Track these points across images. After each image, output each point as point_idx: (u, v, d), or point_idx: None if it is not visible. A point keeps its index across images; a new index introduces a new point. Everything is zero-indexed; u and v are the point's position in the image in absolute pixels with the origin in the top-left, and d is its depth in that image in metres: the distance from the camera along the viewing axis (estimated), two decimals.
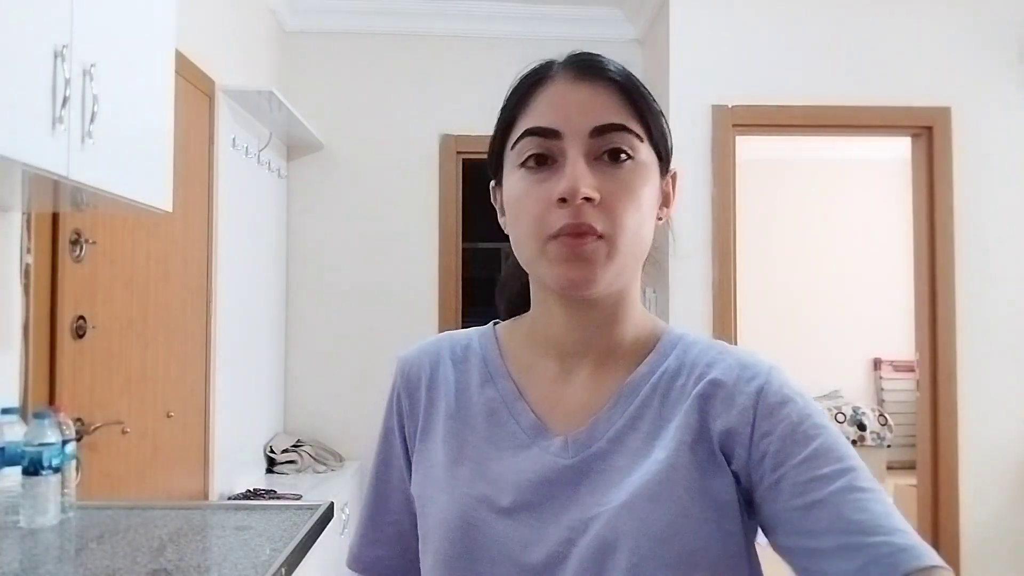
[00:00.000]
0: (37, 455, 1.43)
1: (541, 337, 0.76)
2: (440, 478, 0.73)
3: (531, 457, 0.70)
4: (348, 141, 3.61)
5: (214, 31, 2.70)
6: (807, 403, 0.68)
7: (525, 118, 0.71)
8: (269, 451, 3.26)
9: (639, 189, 0.69)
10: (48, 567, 1.26)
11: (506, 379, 0.76)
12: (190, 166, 2.42)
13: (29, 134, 1.17)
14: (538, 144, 0.69)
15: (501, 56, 3.66)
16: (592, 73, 0.70)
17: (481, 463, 0.72)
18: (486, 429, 0.74)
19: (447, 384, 0.78)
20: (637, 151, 0.69)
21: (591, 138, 0.68)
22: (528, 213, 0.69)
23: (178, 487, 2.43)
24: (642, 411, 0.70)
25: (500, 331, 0.82)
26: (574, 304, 0.72)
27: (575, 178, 0.66)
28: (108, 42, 1.41)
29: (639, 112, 0.70)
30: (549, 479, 0.69)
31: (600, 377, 0.73)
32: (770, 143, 5.28)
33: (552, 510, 0.68)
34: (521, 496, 0.69)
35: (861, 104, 3.17)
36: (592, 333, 0.73)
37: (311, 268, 3.58)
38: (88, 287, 1.93)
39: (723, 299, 3.11)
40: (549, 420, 0.73)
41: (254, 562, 1.26)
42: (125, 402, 2.11)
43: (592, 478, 0.68)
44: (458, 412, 0.76)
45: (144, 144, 1.58)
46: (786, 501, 0.63)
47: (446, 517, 0.70)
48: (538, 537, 0.67)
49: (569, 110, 0.68)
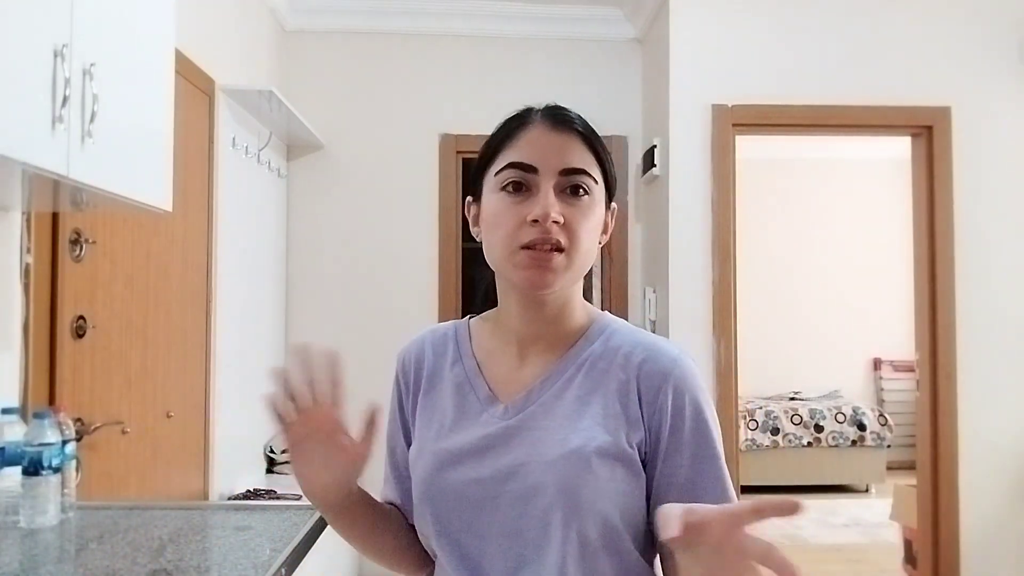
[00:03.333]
0: (37, 455, 1.43)
1: (505, 327, 0.96)
2: (417, 439, 0.96)
3: (481, 421, 0.91)
4: (348, 140, 3.61)
5: (214, 30, 2.70)
6: (699, 396, 0.88)
7: (508, 152, 0.90)
8: (269, 451, 3.26)
9: (591, 217, 0.89)
10: (48, 567, 1.26)
11: (471, 359, 0.97)
12: (190, 166, 2.42)
13: (29, 133, 1.17)
14: (518, 175, 0.88)
15: (501, 56, 3.66)
16: (564, 124, 0.90)
17: (444, 425, 0.93)
18: (452, 399, 0.94)
19: (428, 366, 0.99)
20: (592, 189, 0.90)
21: (560, 175, 0.87)
22: (503, 227, 0.88)
23: (178, 487, 2.43)
24: (568, 384, 0.90)
25: (473, 322, 1.02)
26: (531, 301, 0.91)
27: (547, 205, 0.85)
28: (108, 41, 1.41)
29: (597, 159, 0.91)
30: (490, 435, 0.89)
31: (546, 359, 0.93)
32: (770, 143, 5.28)
33: (490, 459, 0.88)
34: (469, 449, 0.89)
35: (861, 104, 3.17)
36: (543, 325, 0.93)
37: (311, 267, 3.58)
38: (88, 287, 1.93)
39: (723, 299, 3.11)
40: (500, 392, 0.92)
41: (254, 562, 1.26)
42: (125, 402, 2.11)
43: (523, 435, 0.88)
44: (433, 387, 0.97)
45: (144, 143, 1.58)
46: (660, 479, 0.86)
47: (421, 467, 0.92)
48: (477, 478, 0.87)
49: (545, 152, 0.88)
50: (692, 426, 0.87)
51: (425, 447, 0.93)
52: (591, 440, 0.85)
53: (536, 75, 3.64)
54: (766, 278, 5.93)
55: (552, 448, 0.86)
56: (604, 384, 0.89)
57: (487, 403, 0.92)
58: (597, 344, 0.92)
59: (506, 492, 0.86)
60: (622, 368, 0.89)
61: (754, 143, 3.67)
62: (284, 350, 3.53)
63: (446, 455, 0.90)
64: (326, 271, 3.59)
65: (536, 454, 0.86)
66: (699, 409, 0.87)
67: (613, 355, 0.91)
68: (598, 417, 0.87)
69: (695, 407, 0.87)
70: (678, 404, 0.87)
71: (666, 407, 0.86)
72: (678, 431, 0.86)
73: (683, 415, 0.87)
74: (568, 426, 0.87)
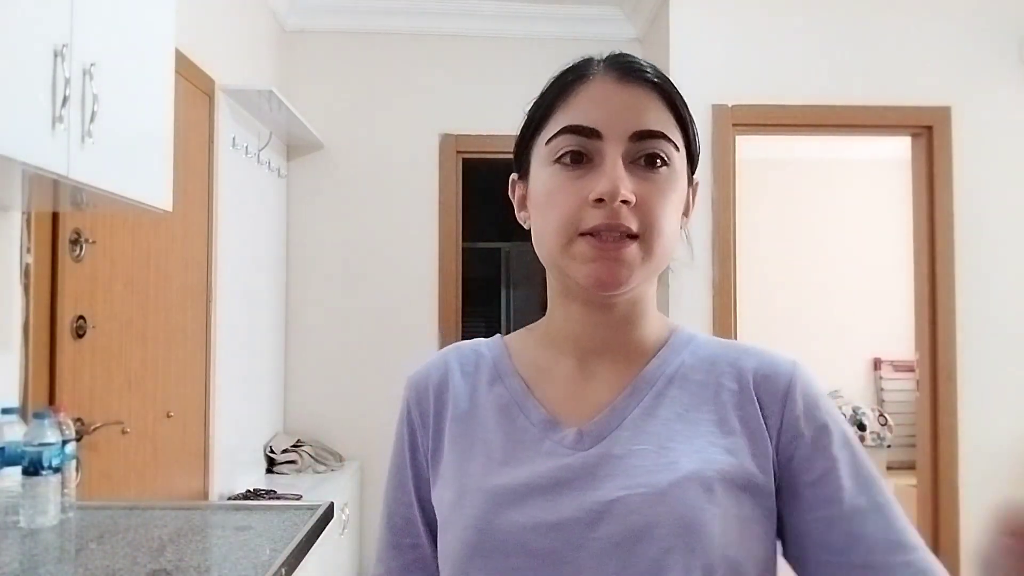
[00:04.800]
0: (37, 455, 1.43)
1: (560, 337, 0.76)
2: (451, 478, 0.73)
3: (545, 451, 0.70)
4: (348, 140, 3.61)
5: (214, 30, 2.69)
6: (832, 406, 0.71)
7: (563, 113, 0.70)
8: (269, 451, 3.26)
9: (671, 195, 0.69)
10: (48, 567, 1.26)
11: (514, 377, 0.76)
12: (190, 165, 2.42)
13: (29, 133, 1.17)
14: (576, 142, 0.68)
15: (501, 55, 3.66)
16: (635, 76, 0.70)
17: (493, 458, 0.71)
18: (497, 425, 0.74)
19: (455, 389, 0.78)
20: (672, 158, 0.70)
21: (631, 141, 0.68)
22: (559, 209, 0.68)
23: (178, 487, 2.43)
24: (659, 400, 0.71)
25: (509, 338, 0.82)
26: (596, 304, 0.72)
27: (615, 179, 0.66)
28: (108, 41, 1.41)
29: (678, 119, 0.71)
30: (564, 467, 0.68)
31: (618, 373, 0.73)
32: (770, 143, 5.28)
33: (568, 497, 0.66)
34: (536, 486, 0.68)
35: (861, 104, 3.17)
36: (612, 332, 0.74)
37: (311, 267, 3.58)
38: (88, 287, 1.93)
39: (723, 299, 3.11)
40: (562, 415, 0.72)
41: (254, 562, 1.26)
42: (125, 402, 2.11)
43: (612, 464, 0.67)
44: (466, 413, 0.76)
45: (144, 143, 1.58)
46: (807, 511, 0.66)
47: (460, 512, 0.70)
48: (553, 523, 0.65)
49: (611, 111, 0.68)
50: (841, 440, 0.68)
51: (468, 485, 0.71)
52: (710, 462, 0.65)
53: (536, 75, 3.60)
54: (766, 278, 5.92)
55: (659, 474, 0.65)
56: (710, 397, 0.70)
57: (547, 429, 0.71)
58: (685, 354, 0.74)
59: (595, 539, 0.64)
60: (732, 377, 0.71)
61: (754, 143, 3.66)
62: (284, 350, 3.54)
63: (504, 493, 0.68)
64: (326, 271, 3.59)
65: (637, 485, 0.65)
66: (838, 419, 0.70)
67: (711, 365, 0.72)
68: (712, 435, 0.68)
69: (834, 417, 0.70)
70: (814, 415, 0.68)
71: (799, 419, 0.68)
72: (824, 448, 0.67)
73: (827, 429, 0.68)
74: (674, 448, 0.67)
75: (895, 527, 0.65)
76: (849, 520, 0.64)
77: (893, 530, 0.64)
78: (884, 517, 0.65)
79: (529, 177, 0.74)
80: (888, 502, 0.66)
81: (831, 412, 0.70)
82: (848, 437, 0.69)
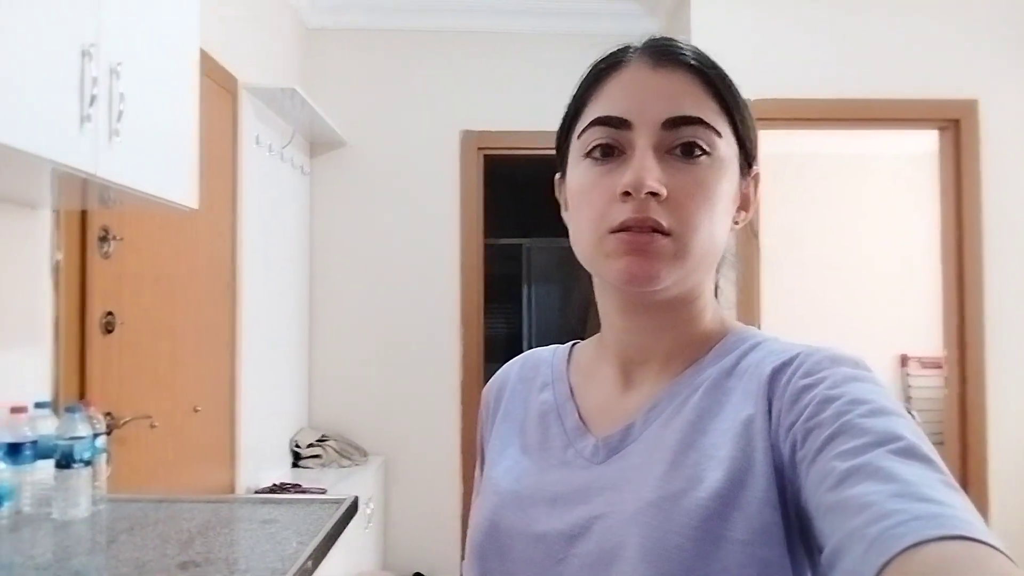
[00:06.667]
0: (69, 448, 1.45)
1: (607, 342, 0.73)
2: (485, 478, 0.74)
3: (564, 459, 0.68)
4: (370, 137, 3.62)
5: (237, 29, 2.72)
6: (842, 378, 0.56)
7: (594, 106, 0.66)
8: (294, 446, 3.29)
9: (713, 187, 0.63)
10: (80, 558, 1.28)
11: (563, 383, 0.75)
12: (214, 163, 2.45)
13: (58, 132, 1.19)
14: (605, 134, 0.64)
15: (522, 51, 3.66)
16: (669, 59, 0.65)
17: (518, 462, 0.71)
18: (536, 430, 0.73)
19: (511, 394, 0.78)
20: (714, 146, 0.64)
21: (663, 130, 0.63)
22: (590, 206, 0.65)
23: (206, 481, 2.46)
24: (679, 410, 0.64)
25: (578, 345, 0.80)
26: (635, 306, 0.68)
27: (641, 170, 0.61)
28: (134, 41, 1.43)
29: (722, 104, 0.65)
30: (570, 478, 0.66)
31: (656, 382, 0.68)
32: (794, 137, 5.22)
33: (561, 508, 0.64)
34: (541, 494, 0.66)
35: (887, 97, 3.12)
36: (653, 338, 0.69)
37: (334, 264, 3.61)
38: (116, 283, 1.96)
39: (746, 295, 3.08)
40: (594, 423, 0.69)
41: (281, 555, 1.28)
42: (153, 397, 2.14)
43: (613, 478, 0.63)
44: (513, 417, 0.76)
45: (169, 142, 1.60)
46: (811, 504, 0.52)
47: (476, 511, 0.71)
48: (541, 534, 0.64)
49: (642, 99, 0.64)
50: (837, 408, 0.53)
51: (489, 485, 0.71)
52: (697, 481, 0.58)
53: (557, 70, 3.62)
54: (789, 275, 5.86)
55: (640, 493, 0.60)
56: (727, 403, 0.62)
57: (575, 436, 0.69)
58: (728, 359, 0.66)
59: (574, 556, 0.61)
60: (752, 377, 0.62)
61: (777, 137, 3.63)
62: (308, 345, 3.57)
63: (510, 498, 0.68)
64: (349, 267, 3.61)
65: (622, 502, 0.61)
66: (846, 379, 0.56)
67: (744, 370, 0.64)
68: (714, 448, 0.59)
69: (834, 381, 0.56)
70: (808, 388, 0.56)
71: (791, 407, 0.57)
72: (819, 426, 0.53)
73: (829, 400, 0.54)
74: (679, 463, 0.60)
75: (898, 478, 0.47)
76: (842, 491, 0.48)
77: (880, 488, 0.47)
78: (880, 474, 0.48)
79: (566, 174, 0.71)
80: (885, 464, 0.48)
81: (835, 381, 0.56)
82: (845, 405, 0.53)
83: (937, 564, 0.41)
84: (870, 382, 0.57)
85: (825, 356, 0.60)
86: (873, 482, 0.47)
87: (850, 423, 0.52)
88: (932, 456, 0.50)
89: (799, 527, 0.56)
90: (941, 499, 0.46)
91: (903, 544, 0.42)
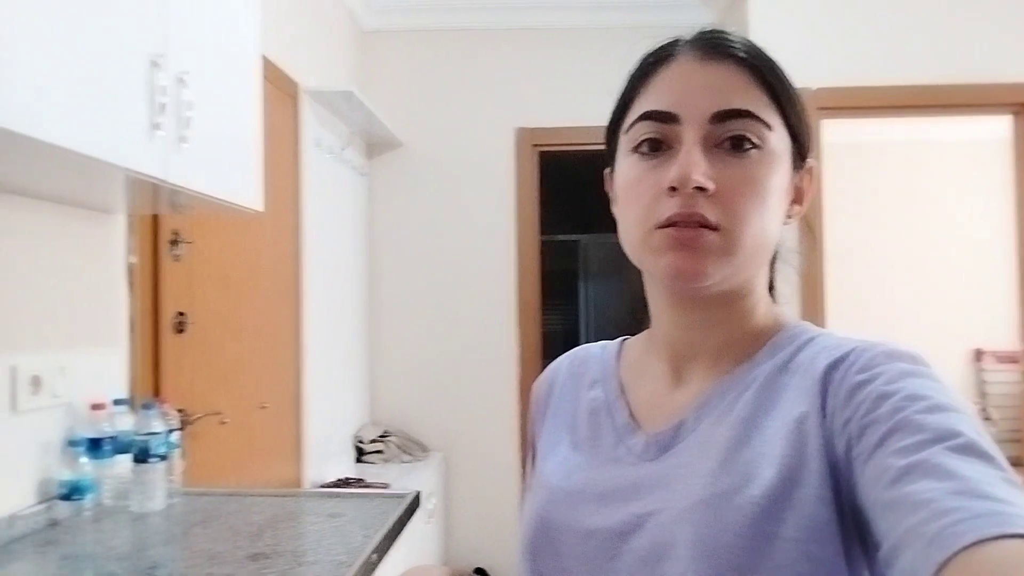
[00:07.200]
0: (145, 444, 1.52)
1: (657, 338, 0.72)
2: (535, 474, 0.75)
3: (615, 456, 0.68)
4: (425, 137, 3.66)
5: (296, 35, 2.78)
6: (898, 374, 0.55)
7: (642, 100, 0.66)
8: (357, 441, 3.36)
9: (763, 181, 0.63)
10: (157, 550, 1.34)
11: (613, 379, 0.75)
12: (277, 167, 2.51)
13: (130, 140, 1.24)
14: (653, 128, 0.64)
15: (575, 46, 3.64)
16: (718, 52, 0.65)
17: (568, 458, 0.71)
18: (586, 427, 0.73)
19: (560, 391, 0.79)
20: (765, 140, 0.63)
21: (711, 124, 0.62)
22: (637, 201, 0.65)
23: (273, 475, 2.53)
24: (731, 407, 0.64)
25: (628, 341, 0.80)
26: (684, 302, 0.68)
27: (688, 165, 0.61)
28: (199, 51, 1.47)
29: (773, 97, 0.65)
30: (621, 475, 0.66)
31: (706, 378, 0.68)
32: (858, 126, 5.07)
33: (614, 505, 0.64)
34: (592, 490, 0.66)
35: (955, 82, 3.01)
36: (703, 334, 0.68)
37: (393, 262, 3.66)
38: (186, 285, 2.03)
39: (810, 288, 3.01)
40: (644, 420, 0.69)
41: (347, 548, 1.31)
42: (223, 394, 2.21)
43: (665, 475, 0.63)
44: (561, 411, 0.77)
45: (235, 146, 1.65)
46: (867, 502, 0.51)
47: (529, 508, 0.71)
48: (593, 530, 0.64)
49: (690, 93, 0.63)
50: (894, 404, 0.53)
51: (540, 481, 0.72)
52: (749, 479, 0.57)
53: (611, 64, 3.58)
54: (856, 268, 5.70)
55: (691, 490, 0.60)
56: (780, 400, 0.61)
57: (625, 433, 0.69)
58: (782, 356, 0.65)
59: (627, 551, 0.61)
60: (806, 374, 0.61)
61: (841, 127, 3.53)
62: (369, 343, 3.63)
63: (561, 495, 0.68)
64: (407, 265, 3.66)
65: (674, 499, 0.60)
66: (902, 374, 0.55)
67: (798, 366, 0.63)
68: (767, 445, 0.59)
69: (890, 377, 0.55)
70: (864, 385, 0.55)
71: (848, 402, 0.56)
72: (876, 423, 0.53)
73: (885, 396, 0.54)
74: (730, 460, 0.60)
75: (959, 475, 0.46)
76: (895, 482, 0.48)
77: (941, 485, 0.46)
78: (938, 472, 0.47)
79: (615, 169, 0.70)
80: (942, 462, 0.47)
81: (891, 376, 0.55)
82: (903, 393, 0.53)
83: (997, 563, 0.40)
84: (928, 377, 0.56)
85: (880, 351, 0.59)
86: (931, 479, 0.47)
87: (907, 419, 0.51)
88: (992, 452, 0.49)
89: (855, 525, 0.55)
90: (1002, 496, 0.45)
91: (962, 543, 0.42)
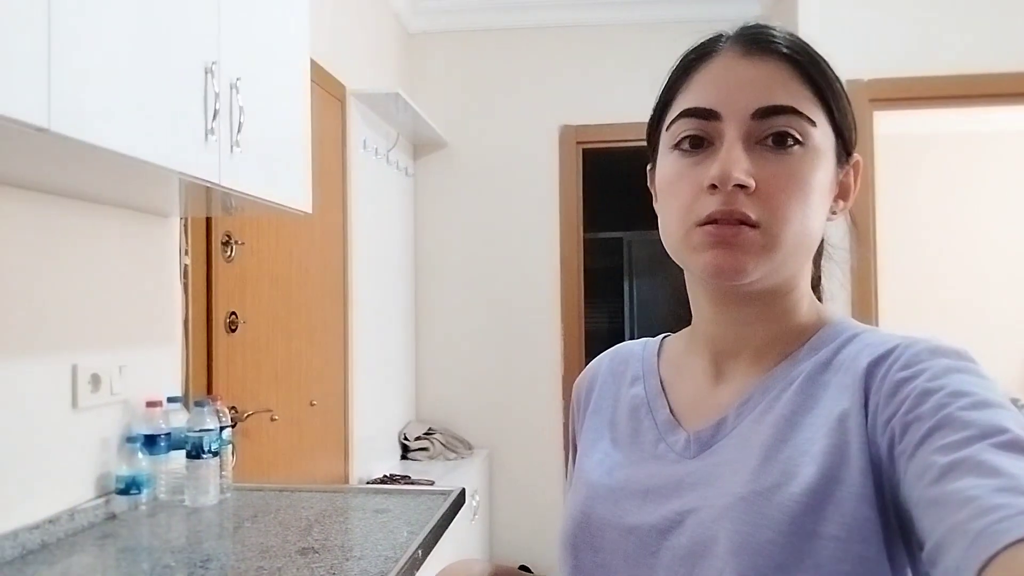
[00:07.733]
0: (198, 440, 1.56)
1: (698, 335, 0.73)
2: (576, 471, 0.75)
3: (656, 453, 0.69)
4: (470, 137, 3.68)
5: (343, 38, 2.82)
6: (942, 370, 0.54)
7: (683, 97, 0.66)
8: (403, 438, 3.40)
9: (807, 178, 0.62)
10: (210, 543, 1.38)
11: (654, 377, 0.75)
12: (326, 169, 2.55)
13: (186, 145, 1.28)
14: (694, 125, 0.64)
15: (619, 42, 3.62)
16: (760, 47, 0.64)
17: (609, 455, 0.72)
18: (627, 423, 0.73)
19: (601, 388, 0.79)
20: (808, 136, 0.62)
21: (753, 120, 0.62)
22: (678, 198, 0.64)
23: (321, 471, 2.58)
24: (772, 405, 0.63)
25: (669, 338, 0.80)
26: (722, 297, 0.68)
27: (728, 162, 0.60)
28: (251, 57, 1.51)
29: (816, 92, 0.64)
30: (662, 472, 0.66)
31: (748, 375, 0.68)
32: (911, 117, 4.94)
33: (655, 502, 0.64)
34: (633, 487, 0.67)
35: (1014, 70, 2.91)
36: (745, 331, 0.68)
37: (438, 261, 3.69)
38: (238, 285, 2.08)
39: (863, 287, 2.95)
40: (685, 417, 0.70)
41: (393, 543, 1.33)
42: (273, 391, 2.26)
43: (707, 473, 0.63)
44: (601, 409, 0.77)
45: (285, 150, 1.68)
46: (910, 500, 0.51)
47: (568, 502, 0.72)
48: (634, 527, 0.64)
49: (731, 89, 0.63)
50: (938, 400, 0.52)
51: (581, 477, 0.72)
52: (790, 476, 0.57)
53: (656, 59, 3.55)
54: (910, 264, 5.55)
55: (732, 488, 0.60)
56: (823, 397, 0.61)
57: (666, 430, 0.69)
58: (824, 353, 0.64)
59: (667, 548, 0.62)
60: (848, 371, 0.61)
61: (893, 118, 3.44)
62: (415, 342, 3.67)
63: (602, 491, 0.69)
64: (452, 264, 3.69)
65: (715, 496, 0.61)
66: (946, 370, 0.54)
67: (840, 364, 0.62)
68: (808, 443, 0.58)
69: (934, 373, 0.54)
70: (907, 381, 0.55)
71: (895, 394, 0.55)
72: (919, 420, 0.52)
73: (928, 392, 0.53)
74: (762, 458, 0.60)
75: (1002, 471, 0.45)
76: (935, 481, 0.48)
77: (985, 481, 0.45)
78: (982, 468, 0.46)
79: (656, 166, 0.70)
80: (988, 459, 0.46)
81: (935, 373, 0.54)
82: (946, 390, 0.52)
83: None
84: (972, 373, 0.55)
85: (924, 348, 0.58)
86: (976, 476, 0.46)
87: (951, 416, 0.51)
88: None
89: (897, 524, 0.54)
90: None
91: (1007, 540, 0.41)
